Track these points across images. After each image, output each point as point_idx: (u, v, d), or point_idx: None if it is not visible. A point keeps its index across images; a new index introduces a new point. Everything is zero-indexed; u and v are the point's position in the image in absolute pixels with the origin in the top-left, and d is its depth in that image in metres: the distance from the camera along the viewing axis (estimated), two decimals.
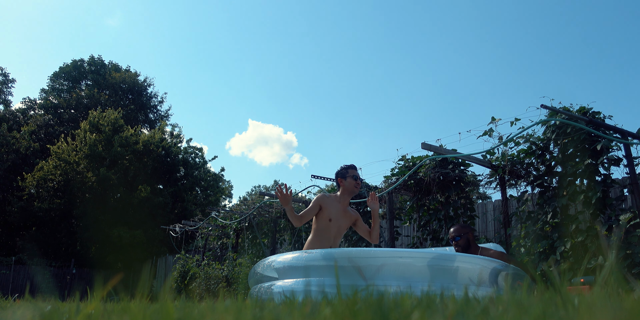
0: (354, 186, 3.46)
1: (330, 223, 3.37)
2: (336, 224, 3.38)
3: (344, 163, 3.58)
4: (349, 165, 3.54)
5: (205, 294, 8.51)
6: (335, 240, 3.39)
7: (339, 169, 3.55)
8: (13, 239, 21.46)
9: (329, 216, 3.37)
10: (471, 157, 5.31)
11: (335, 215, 3.38)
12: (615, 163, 4.27)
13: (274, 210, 8.84)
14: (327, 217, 3.37)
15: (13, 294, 3.40)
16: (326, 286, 2.39)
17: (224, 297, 7.46)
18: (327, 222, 3.37)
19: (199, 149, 23.50)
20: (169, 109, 30.43)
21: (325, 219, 3.38)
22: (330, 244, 3.34)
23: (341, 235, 3.46)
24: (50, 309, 1.24)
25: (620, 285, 1.04)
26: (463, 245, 3.57)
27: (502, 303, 0.94)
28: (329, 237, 3.35)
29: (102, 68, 28.32)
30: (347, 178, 3.47)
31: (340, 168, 3.55)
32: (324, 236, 3.35)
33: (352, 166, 3.54)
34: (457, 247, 3.59)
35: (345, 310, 0.85)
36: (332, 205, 3.40)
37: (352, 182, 3.46)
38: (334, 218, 3.38)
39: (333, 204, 3.42)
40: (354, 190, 3.47)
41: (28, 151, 22.78)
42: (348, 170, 3.50)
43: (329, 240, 3.35)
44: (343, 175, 3.50)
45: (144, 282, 9.35)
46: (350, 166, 3.53)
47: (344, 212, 3.44)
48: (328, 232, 3.36)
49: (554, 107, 4.47)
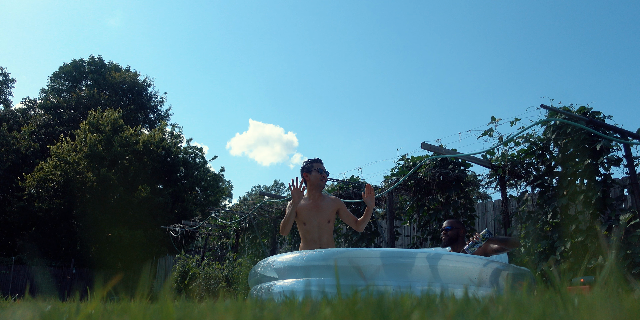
0: (319, 180, 3.39)
1: (306, 226, 3.33)
2: (312, 224, 3.32)
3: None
4: (314, 159, 3.47)
5: (205, 294, 8.51)
6: (322, 239, 3.32)
7: (304, 164, 3.48)
8: (13, 239, 21.45)
9: (303, 220, 3.33)
10: (471, 157, 5.31)
11: (307, 216, 3.32)
12: (615, 163, 4.27)
13: (274, 210, 8.84)
14: (301, 222, 3.34)
15: (13, 294, 3.40)
16: (326, 286, 2.39)
17: (224, 297, 7.46)
18: (303, 226, 3.34)
19: (199, 149, 23.51)
20: (169, 109, 30.46)
21: (301, 224, 3.35)
22: (319, 246, 3.28)
23: (328, 232, 3.35)
24: (50, 309, 1.24)
25: (620, 285, 1.04)
26: (452, 236, 3.63)
27: (502, 303, 0.94)
28: (313, 239, 3.31)
29: (102, 68, 28.31)
30: (312, 172, 3.40)
31: (305, 162, 3.49)
32: (308, 239, 3.32)
33: (317, 160, 3.47)
34: (446, 237, 3.65)
35: (345, 310, 0.85)
36: (302, 207, 3.34)
37: (317, 175, 3.39)
38: (307, 221, 3.32)
39: (304, 206, 3.35)
40: (320, 183, 3.40)
41: (28, 151, 22.78)
42: (313, 164, 3.43)
43: (316, 243, 3.30)
44: (308, 169, 3.42)
45: (144, 282, 9.35)
46: (315, 160, 3.46)
47: (316, 209, 3.35)
48: (310, 234, 3.32)
49: (554, 107, 4.47)
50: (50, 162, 20.32)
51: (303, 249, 3.31)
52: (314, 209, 3.34)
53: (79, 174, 19.73)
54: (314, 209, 3.34)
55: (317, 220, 3.33)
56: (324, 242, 3.32)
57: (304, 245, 3.35)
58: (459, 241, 3.62)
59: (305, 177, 3.42)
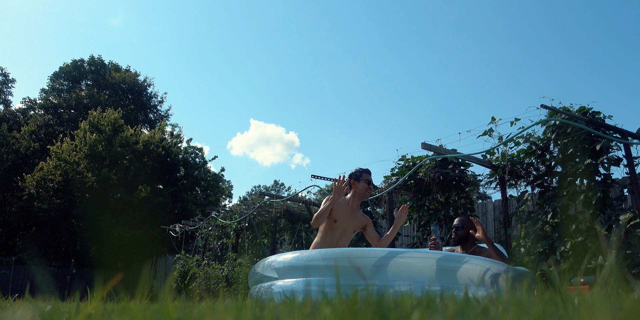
0: (365, 190, 3.45)
1: (335, 224, 3.35)
2: (342, 225, 3.36)
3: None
4: (365, 169, 3.55)
5: (205, 294, 8.51)
6: (340, 242, 3.36)
7: (354, 171, 3.55)
8: (13, 239, 21.45)
9: (335, 217, 3.36)
10: (471, 157, 5.31)
11: (341, 216, 3.36)
12: (615, 163, 4.27)
13: (274, 210, 8.84)
14: (332, 218, 3.36)
15: (13, 294, 3.40)
16: (326, 286, 2.39)
17: (224, 297, 7.46)
18: (332, 223, 3.36)
19: (199, 149, 23.51)
20: (169, 109, 30.45)
21: (331, 220, 3.37)
22: (333, 246, 3.31)
23: (347, 238, 3.40)
24: (50, 309, 1.24)
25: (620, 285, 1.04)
26: (462, 236, 3.56)
27: (502, 303, 0.94)
28: (332, 238, 3.34)
29: (102, 68, 28.31)
30: (361, 181, 3.47)
31: (355, 170, 3.55)
32: (328, 237, 3.35)
33: (367, 170, 3.55)
34: (455, 236, 3.58)
35: (345, 310, 0.85)
36: (340, 206, 3.39)
37: (364, 186, 3.45)
38: (339, 219, 3.36)
39: (341, 205, 3.40)
40: (365, 194, 3.46)
41: (28, 151, 22.78)
42: (362, 174, 3.50)
43: (333, 242, 3.33)
44: (357, 177, 3.49)
45: (144, 282, 9.35)
46: (365, 170, 3.54)
47: (351, 215, 3.40)
48: (332, 233, 3.35)
49: (554, 107, 4.47)
50: (50, 162, 20.31)
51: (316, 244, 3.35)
52: (349, 213, 3.41)
53: (79, 174, 19.73)
54: (349, 213, 3.41)
55: (347, 224, 3.38)
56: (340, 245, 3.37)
57: (320, 241, 3.37)
58: (469, 241, 3.57)
59: (353, 184, 3.49)
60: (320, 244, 3.35)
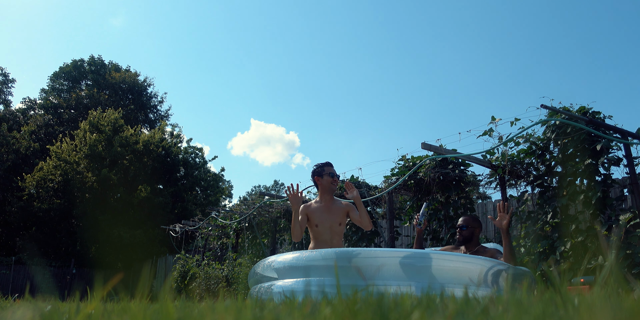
0: (330, 183, 3.41)
1: (318, 228, 3.35)
2: (324, 227, 3.35)
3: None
4: (324, 162, 3.49)
5: (205, 294, 8.51)
6: (333, 241, 3.36)
7: (314, 168, 3.49)
8: (13, 239, 21.44)
9: (315, 222, 3.35)
10: (471, 157, 5.31)
11: (319, 219, 3.35)
12: (615, 163, 4.27)
13: (274, 210, 8.84)
14: (313, 224, 3.36)
15: (13, 294, 3.40)
16: (326, 286, 2.39)
17: (224, 297, 7.46)
18: (315, 228, 3.36)
19: (199, 149, 23.51)
20: (169, 109, 30.46)
21: (312, 226, 3.37)
22: (329, 247, 3.31)
23: (338, 234, 3.40)
24: (50, 309, 1.24)
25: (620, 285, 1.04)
26: (466, 236, 3.53)
27: (502, 303, 0.94)
28: (325, 241, 3.34)
29: (102, 68, 28.31)
30: (324, 176, 3.42)
31: (316, 166, 3.49)
32: (320, 241, 3.36)
33: (328, 163, 3.49)
34: (460, 236, 3.54)
35: (345, 310, 0.85)
36: (314, 210, 3.37)
37: (328, 179, 3.41)
38: (319, 223, 3.35)
39: (315, 208, 3.38)
40: (332, 187, 3.42)
41: (28, 151, 22.77)
42: (324, 168, 3.45)
43: (327, 244, 3.33)
44: (319, 173, 3.44)
45: (144, 282, 9.35)
46: (326, 164, 3.48)
47: (328, 212, 3.38)
48: (321, 236, 3.35)
49: (554, 107, 4.47)
50: (50, 162, 20.31)
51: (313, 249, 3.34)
52: (325, 212, 3.38)
53: (79, 174, 19.72)
54: (325, 212, 3.38)
55: (329, 223, 3.36)
56: (335, 244, 3.36)
57: (314, 245, 3.38)
58: (474, 241, 3.55)
59: (317, 181, 3.45)
60: (315, 247, 3.36)
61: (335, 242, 3.37)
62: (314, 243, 3.39)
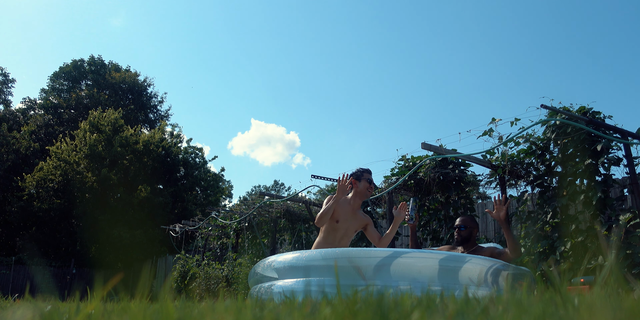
0: (366, 189, 3.46)
1: (338, 224, 3.36)
2: (344, 225, 3.37)
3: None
4: (366, 169, 3.56)
5: (205, 294, 8.51)
6: (342, 242, 3.37)
7: (355, 171, 3.55)
8: (13, 239, 21.44)
9: (337, 217, 3.36)
10: (471, 157, 5.31)
11: (343, 216, 3.37)
12: (616, 163, 4.27)
13: (274, 210, 8.84)
14: (335, 218, 3.37)
15: (13, 294, 3.40)
16: (326, 286, 2.39)
17: (224, 297, 7.46)
18: (335, 223, 3.36)
19: (199, 149, 23.52)
20: (169, 109, 30.46)
21: (333, 220, 3.37)
22: (335, 246, 3.32)
23: (349, 237, 3.41)
24: (50, 309, 1.24)
25: (620, 285, 1.04)
26: (465, 236, 3.55)
27: (502, 303, 0.94)
28: (334, 238, 3.35)
29: (102, 68, 28.31)
30: (362, 181, 3.47)
31: (357, 170, 3.56)
32: (330, 237, 3.36)
33: (368, 170, 3.56)
34: (458, 236, 3.57)
35: (345, 310, 0.85)
36: (342, 206, 3.40)
37: (365, 185, 3.46)
38: (341, 219, 3.37)
39: (343, 205, 3.41)
40: (367, 193, 3.47)
41: (28, 151, 22.77)
42: (364, 174, 3.51)
43: (335, 242, 3.34)
44: (358, 177, 3.49)
45: (144, 282, 9.35)
46: (367, 170, 3.55)
47: (353, 215, 3.41)
48: (335, 233, 3.36)
49: (554, 107, 4.47)
50: (50, 162, 20.31)
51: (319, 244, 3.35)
52: (350, 213, 3.42)
53: (79, 174, 19.72)
54: (350, 213, 3.42)
55: (348, 224, 3.39)
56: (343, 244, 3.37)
57: (322, 241, 3.38)
58: (472, 241, 3.56)
59: (354, 183, 3.49)
60: (322, 244, 3.35)
61: (344, 242, 3.39)
62: (323, 238, 3.38)
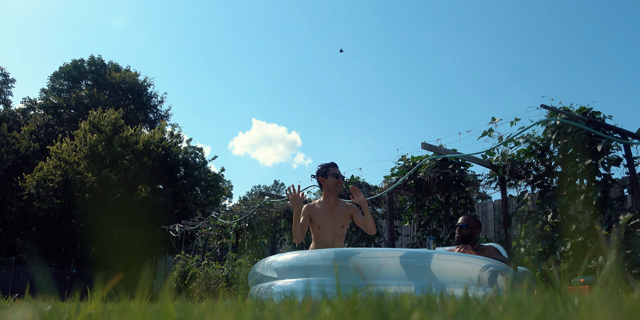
0: (335, 184, 3.35)
1: (321, 230, 3.31)
2: (326, 229, 3.31)
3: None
4: (329, 163, 3.42)
5: (205, 294, 8.51)
6: (335, 243, 3.33)
7: (319, 168, 3.42)
8: (13, 239, 21.44)
9: (317, 224, 3.32)
10: (471, 157, 5.31)
11: (322, 221, 3.31)
12: (616, 163, 4.27)
13: (274, 210, 8.84)
14: (315, 226, 3.33)
15: (13, 294, 3.39)
16: (326, 286, 2.39)
17: (224, 297, 7.46)
18: (317, 230, 3.32)
19: (199, 149, 23.52)
20: (169, 109, 30.48)
21: (315, 228, 3.33)
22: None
23: (340, 237, 3.36)
24: (50, 309, 1.24)
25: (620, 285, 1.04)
26: (466, 235, 3.53)
27: (502, 303, 0.94)
28: (326, 243, 3.31)
29: (102, 68, 28.30)
30: (328, 177, 3.36)
31: (320, 167, 3.43)
32: (321, 242, 3.33)
33: (332, 164, 3.42)
34: (459, 234, 3.55)
35: (345, 310, 0.85)
36: (317, 211, 3.33)
37: (333, 180, 3.35)
38: (322, 225, 3.31)
39: (319, 210, 3.33)
40: (337, 188, 3.37)
41: (28, 151, 22.77)
42: (329, 169, 3.39)
43: (328, 246, 3.31)
44: (324, 174, 3.38)
45: (144, 282, 9.35)
46: (330, 164, 3.42)
47: (331, 214, 3.34)
48: (323, 238, 3.33)
49: (554, 107, 4.47)
50: (50, 162, 20.30)
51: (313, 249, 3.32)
52: (329, 213, 3.33)
53: (79, 174, 19.71)
54: (329, 213, 3.33)
55: (332, 225, 3.32)
56: (336, 246, 3.33)
57: (315, 246, 3.35)
58: (472, 240, 3.55)
59: (321, 181, 3.39)
60: (316, 248, 3.34)
61: (337, 244, 3.34)
62: (315, 244, 3.37)
